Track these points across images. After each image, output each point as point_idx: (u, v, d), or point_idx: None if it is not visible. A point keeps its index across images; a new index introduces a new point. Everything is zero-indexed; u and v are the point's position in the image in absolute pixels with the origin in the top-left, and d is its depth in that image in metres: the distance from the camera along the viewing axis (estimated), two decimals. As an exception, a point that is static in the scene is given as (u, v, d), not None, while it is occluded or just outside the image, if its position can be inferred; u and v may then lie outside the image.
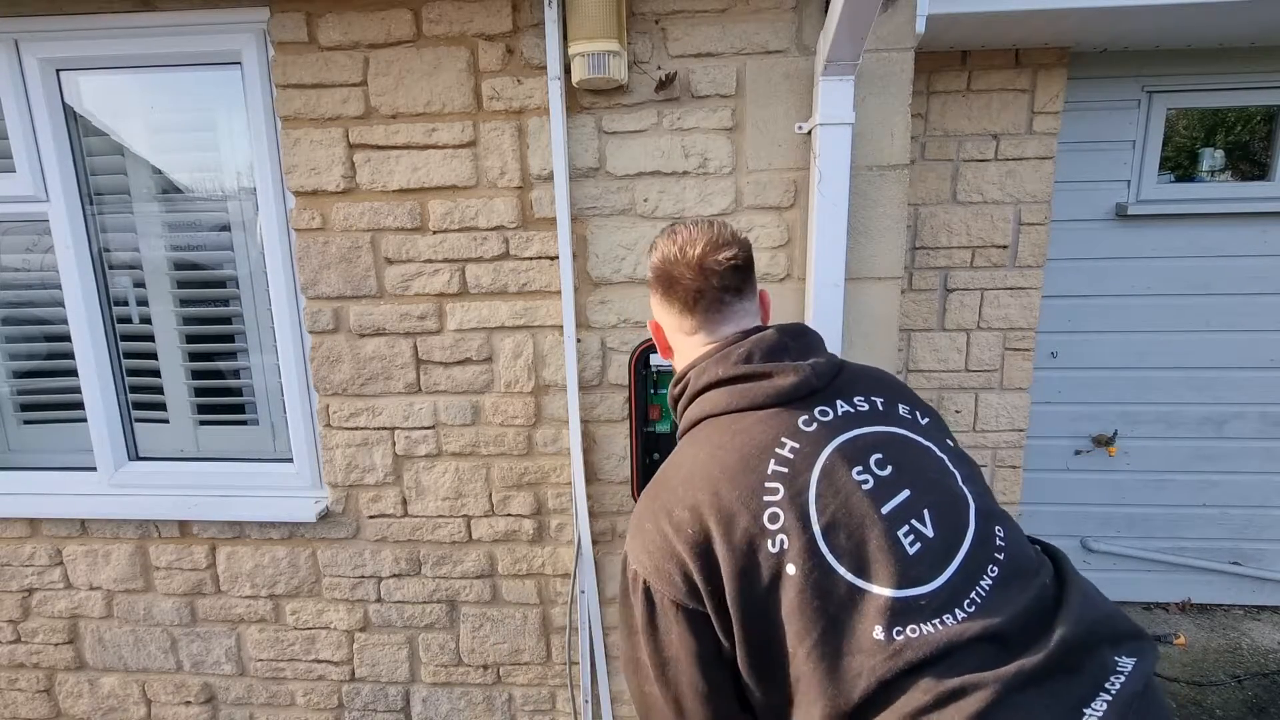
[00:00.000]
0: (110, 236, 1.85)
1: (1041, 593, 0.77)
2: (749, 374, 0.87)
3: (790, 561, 0.73)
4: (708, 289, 0.91)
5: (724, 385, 0.88)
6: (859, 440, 0.81)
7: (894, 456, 0.81)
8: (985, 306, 2.43)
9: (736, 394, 0.86)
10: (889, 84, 1.54)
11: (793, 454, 0.79)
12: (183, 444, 1.98)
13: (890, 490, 0.78)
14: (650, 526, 0.82)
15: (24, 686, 2.12)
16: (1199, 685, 2.31)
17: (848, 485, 0.77)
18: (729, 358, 0.89)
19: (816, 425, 0.81)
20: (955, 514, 0.79)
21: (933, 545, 0.75)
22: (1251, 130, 2.49)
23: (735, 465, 0.79)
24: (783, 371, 0.86)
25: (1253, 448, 2.59)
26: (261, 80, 1.67)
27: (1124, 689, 0.68)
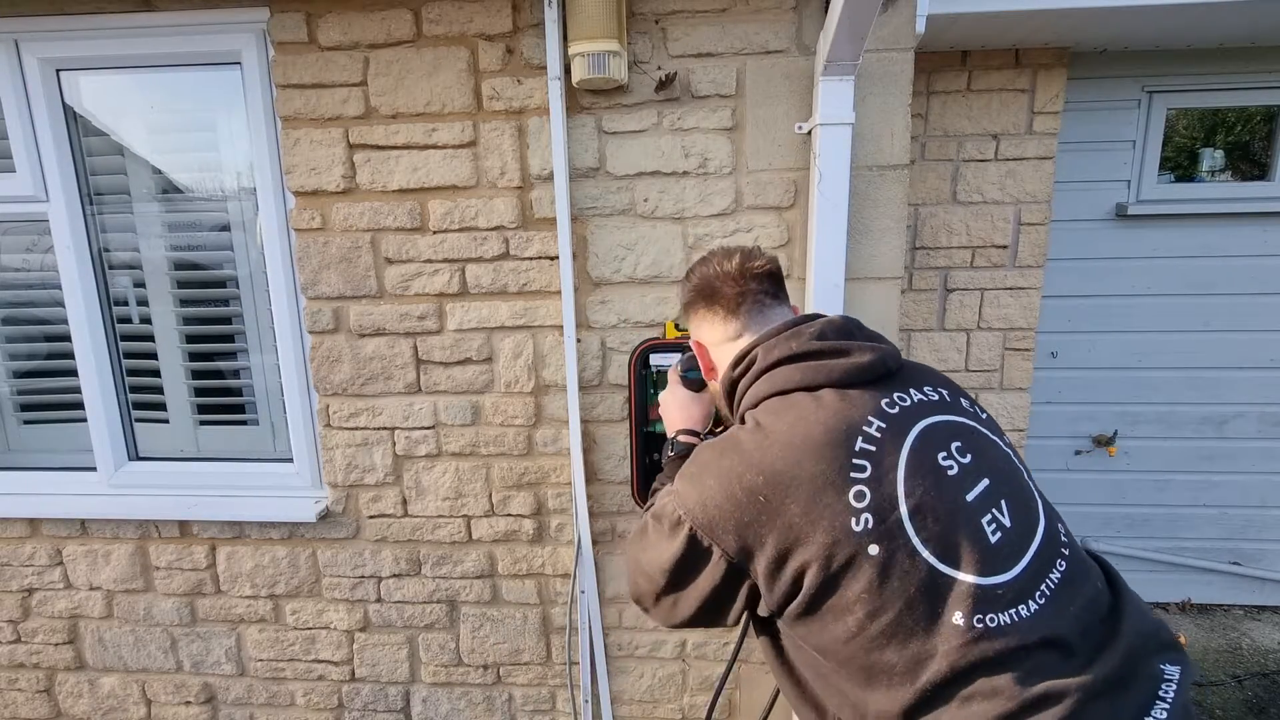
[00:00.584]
0: (110, 236, 1.85)
1: (1098, 596, 0.80)
2: (825, 350, 0.85)
3: (875, 541, 0.73)
4: (748, 292, 0.94)
5: (798, 360, 0.86)
6: (940, 426, 0.81)
7: (972, 445, 0.81)
8: (985, 306, 2.43)
9: (813, 369, 0.84)
10: (889, 84, 1.54)
11: (880, 433, 0.78)
12: (183, 444, 1.98)
13: (973, 478, 0.78)
14: (714, 484, 0.81)
15: (24, 686, 2.12)
16: (1199, 685, 2.31)
17: (935, 469, 0.77)
18: (800, 335, 0.88)
19: (899, 409, 0.81)
20: (1027, 508, 0.80)
21: (1011, 536, 0.76)
22: (1251, 130, 2.49)
23: (821, 439, 0.78)
24: (860, 350, 0.85)
25: (1253, 448, 2.59)
26: (261, 80, 1.67)
27: (1177, 697, 0.72)
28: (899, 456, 0.77)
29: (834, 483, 0.75)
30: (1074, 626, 0.74)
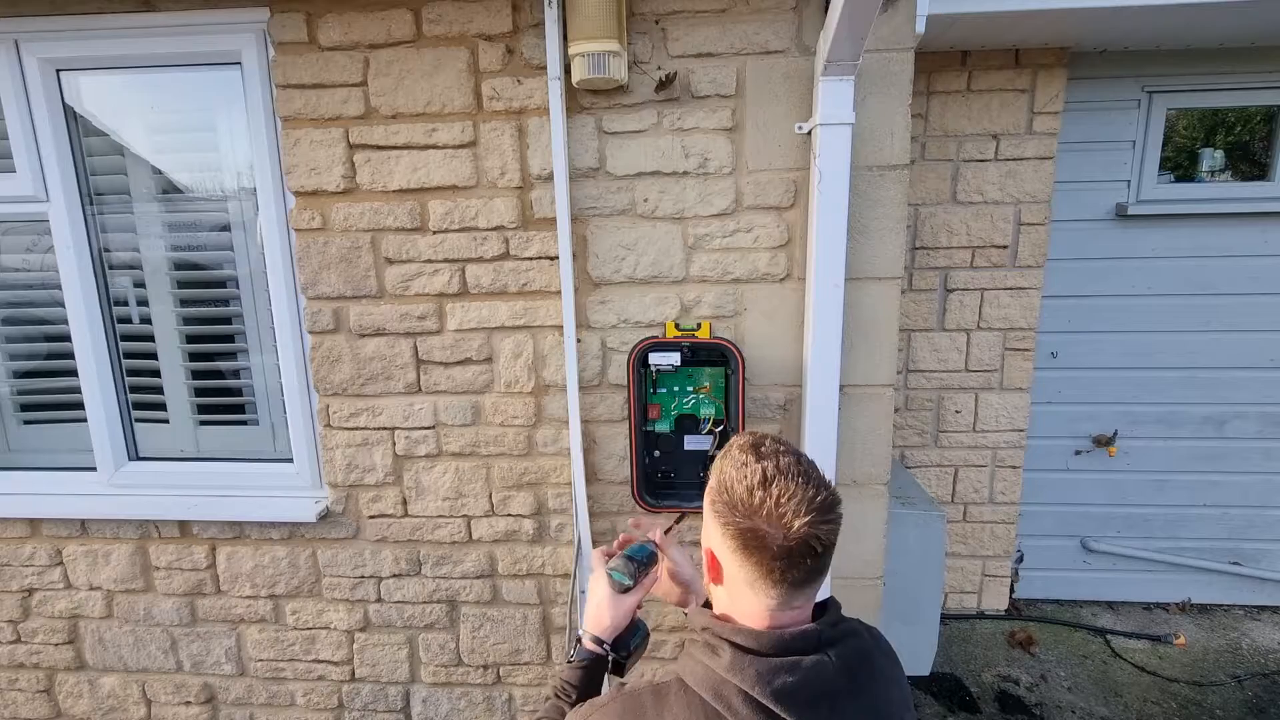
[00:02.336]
0: (110, 236, 1.85)
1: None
2: (770, 713, 0.71)
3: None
4: (800, 569, 0.74)
5: (752, 701, 0.71)
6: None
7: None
8: (985, 306, 2.43)
9: (740, 708, 0.71)
10: (889, 84, 1.54)
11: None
12: (183, 444, 1.98)
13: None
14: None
15: (24, 686, 2.12)
16: (1199, 685, 2.31)
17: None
18: (766, 680, 0.72)
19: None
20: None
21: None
22: (1251, 130, 2.49)
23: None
24: None
25: (1253, 448, 2.59)
26: (261, 80, 1.67)
27: None
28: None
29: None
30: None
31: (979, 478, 2.60)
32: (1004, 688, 2.34)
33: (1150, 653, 2.48)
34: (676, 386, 1.70)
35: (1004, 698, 2.30)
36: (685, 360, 1.64)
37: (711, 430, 1.69)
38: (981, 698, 2.30)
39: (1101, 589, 2.74)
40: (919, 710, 2.27)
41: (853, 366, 1.65)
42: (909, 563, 2.00)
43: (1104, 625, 2.62)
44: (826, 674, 0.73)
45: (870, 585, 1.77)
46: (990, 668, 2.44)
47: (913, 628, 2.06)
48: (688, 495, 1.73)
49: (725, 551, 0.78)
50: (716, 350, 1.64)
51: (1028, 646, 2.52)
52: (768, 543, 0.73)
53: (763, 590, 0.75)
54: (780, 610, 0.76)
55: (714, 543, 0.82)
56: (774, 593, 0.75)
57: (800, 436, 1.68)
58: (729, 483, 0.77)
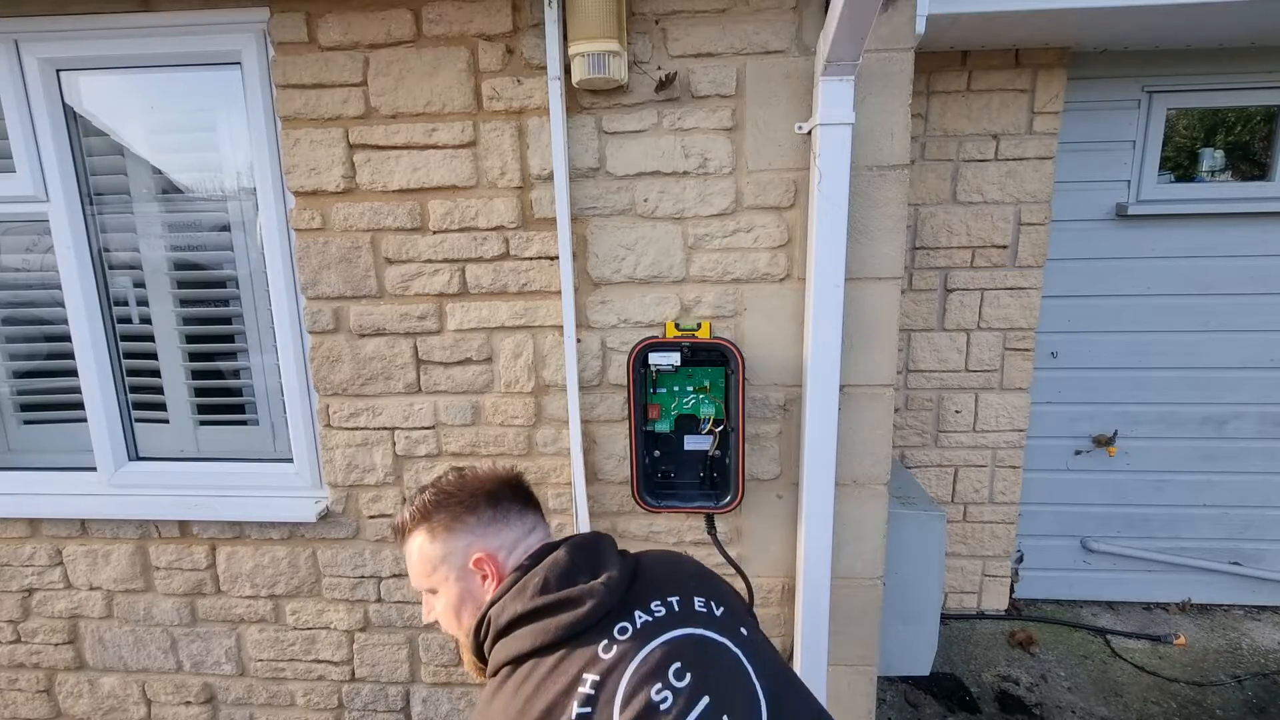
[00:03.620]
0: (110, 236, 1.85)
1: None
2: (546, 605, 0.86)
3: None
4: (504, 495, 1.00)
5: (524, 622, 0.86)
6: (657, 651, 0.81)
7: (691, 661, 0.81)
8: (985, 306, 2.43)
9: (537, 632, 0.84)
10: (889, 84, 1.54)
11: (594, 689, 0.78)
12: (183, 444, 1.98)
13: (690, 702, 0.78)
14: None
15: (24, 686, 2.12)
16: (1199, 685, 2.31)
17: (648, 710, 0.76)
18: (525, 590, 0.88)
19: (616, 648, 0.81)
20: (748, 705, 0.80)
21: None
22: (1251, 130, 2.49)
23: (543, 713, 0.77)
24: (579, 598, 0.85)
25: (1253, 448, 2.59)
26: (261, 80, 1.67)
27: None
28: (613, 710, 0.76)
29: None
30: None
31: (979, 478, 2.60)
32: (1004, 688, 2.34)
33: (1150, 653, 2.48)
34: (676, 386, 1.70)
35: (1004, 698, 2.30)
36: (685, 360, 1.64)
37: (711, 430, 1.69)
38: (981, 698, 2.30)
39: (1101, 589, 2.74)
40: (919, 710, 2.27)
41: (853, 366, 1.65)
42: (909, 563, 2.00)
43: (1104, 625, 2.62)
44: (562, 560, 0.91)
45: (870, 585, 1.77)
46: (990, 668, 2.44)
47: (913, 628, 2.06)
48: (688, 495, 1.73)
49: (444, 544, 0.97)
50: (716, 350, 1.64)
51: (1028, 646, 2.52)
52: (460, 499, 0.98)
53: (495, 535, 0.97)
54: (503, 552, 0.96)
55: (442, 558, 0.97)
56: (495, 530, 0.97)
57: (800, 436, 1.68)
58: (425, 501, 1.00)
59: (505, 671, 0.84)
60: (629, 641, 0.82)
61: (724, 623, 0.89)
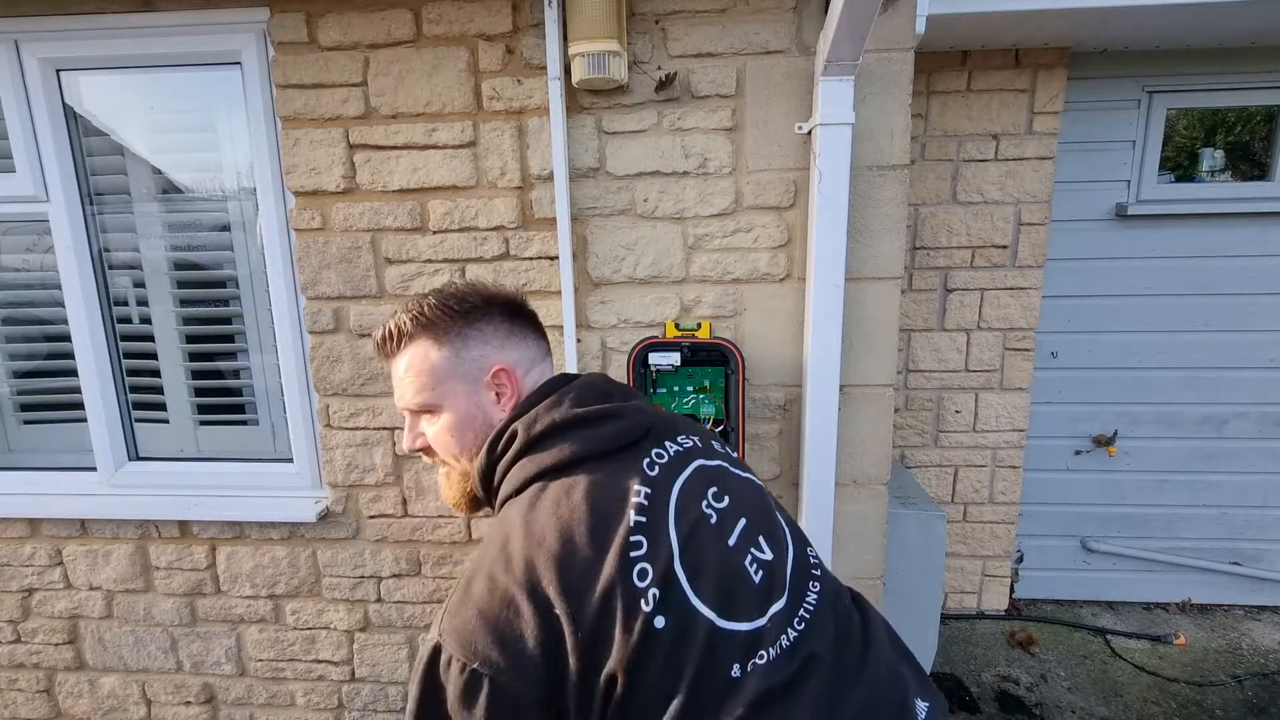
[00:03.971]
0: (110, 236, 1.85)
1: (849, 613, 0.82)
2: (588, 416, 0.80)
3: (660, 614, 0.68)
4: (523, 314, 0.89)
5: (563, 432, 0.79)
6: (695, 475, 0.80)
7: (725, 487, 0.80)
8: (985, 306, 2.43)
9: (581, 440, 0.78)
10: (889, 84, 1.54)
11: (648, 500, 0.75)
12: (183, 444, 1.98)
13: (731, 521, 0.77)
14: (487, 610, 0.69)
15: (24, 686, 2.12)
16: (1199, 685, 2.31)
17: (701, 523, 0.75)
18: (561, 402, 0.81)
19: (659, 468, 0.79)
20: (778, 537, 0.81)
21: (771, 568, 0.76)
22: (1251, 130, 2.49)
23: (598, 525, 0.72)
24: (620, 413, 0.82)
25: (1253, 448, 2.59)
26: (261, 80, 1.67)
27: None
28: (668, 522, 0.74)
29: (616, 567, 0.69)
30: (830, 645, 0.75)
31: (979, 478, 2.60)
32: (1004, 688, 2.34)
33: (1150, 653, 2.48)
34: (676, 386, 1.70)
35: (1004, 698, 2.30)
36: (685, 360, 1.64)
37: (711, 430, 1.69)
38: (981, 697, 2.30)
39: (1101, 589, 2.74)
40: (919, 710, 2.26)
41: (853, 366, 1.65)
42: (909, 563, 2.00)
43: (1104, 625, 2.62)
44: (596, 380, 0.87)
45: (870, 585, 1.77)
46: (990, 668, 2.44)
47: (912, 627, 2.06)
48: (688, 495, 1.73)
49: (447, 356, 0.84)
50: (716, 350, 1.64)
51: (1028, 646, 2.52)
52: (476, 305, 0.85)
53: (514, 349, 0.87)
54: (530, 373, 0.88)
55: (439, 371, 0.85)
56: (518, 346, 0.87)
57: (800, 436, 1.68)
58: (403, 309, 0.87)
59: (540, 486, 0.77)
60: (669, 462, 0.80)
61: (737, 463, 0.88)
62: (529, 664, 0.66)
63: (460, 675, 0.67)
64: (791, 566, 0.79)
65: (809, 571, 0.81)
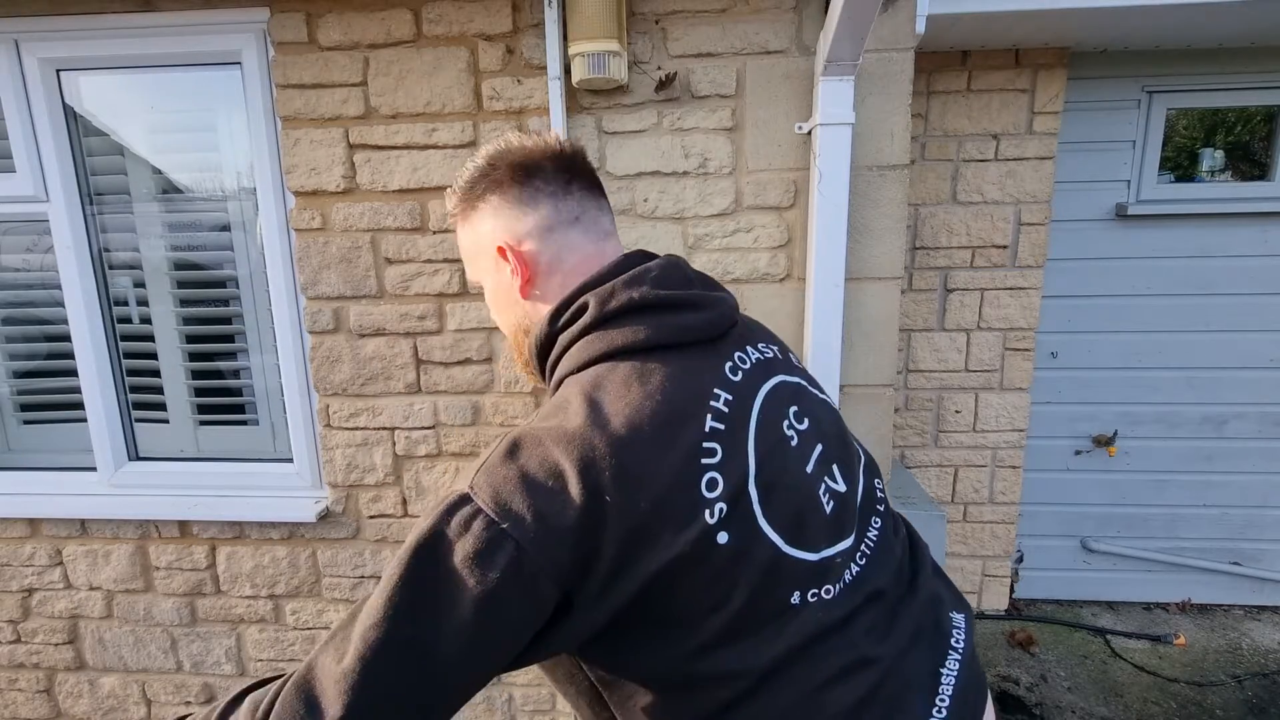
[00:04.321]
0: (110, 236, 1.85)
1: (903, 546, 0.81)
2: (671, 300, 0.72)
3: (724, 530, 0.64)
4: (578, 170, 0.78)
5: (639, 313, 0.71)
6: (777, 390, 0.74)
7: (805, 409, 0.75)
8: (985, 306, 2.43)
9: (658, 326, 0.70)
10: (889, 84, 1.54)
11: (727, 407, 0.68)
12: (183, 444, 1.98)
13: (809, 446, 0.72)
14: (531, 476, 0.62)
15: (24, 686, 2.12)
16: (1199, 685, 2.31)
17: (781, 442, 0.70)
18: (642, 280, 0.72)
19: (741, 374, 0.72)
20: (852, 468, 0.77)
21: (843, 500, 0.73)
22: (1251, 130, 2.49)
23: (669, 420, 0.65)
24: (704, 303, 0.74)
25: (1253, 448, 2.59)
26: (261, 80, 1.67)
27: (965, 646, 0.75)
28: (748, 432, 0.68)
29: (685, 472, 0.64)
30: (890, 579, 0.75)
31: (979, 478, 2.60)
32: (1004, 688, 2.34)
33: (1150, 653, 2.48)
34: (676, 386, 1.70)
35: (1004, 698, 2.29)
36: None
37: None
38: (981, 698, 2.30)
39: (1101, 589, 2.74)
40: (919, 710, 2.26)
41: (853, 366, 1.65)
42: (909, 563, 2.00)
43: (1104, 625, 2.62)
44: (678, 262, 0.78)
45: (870, 585, 1.77)
46: (990, 668, 2.44)
47: (913, 628, 2.06)
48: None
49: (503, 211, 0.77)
50: (716, 350, 1.64)
51: (1027, 646, 2.52)
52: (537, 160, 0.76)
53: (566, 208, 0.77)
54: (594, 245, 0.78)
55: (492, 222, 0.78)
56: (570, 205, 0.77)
57: (800, 436, 1.68)
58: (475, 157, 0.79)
59: (609, 365, 0.70)
60: (751, 370, 0.73)
61: (812, 380, 0.83)
62: (560, 540, 0.60)
63: (484, 531, 0.60)
64: (860, 499, 0.76)
65: (874, 505, 0.78)
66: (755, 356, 0.75)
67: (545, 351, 0.77)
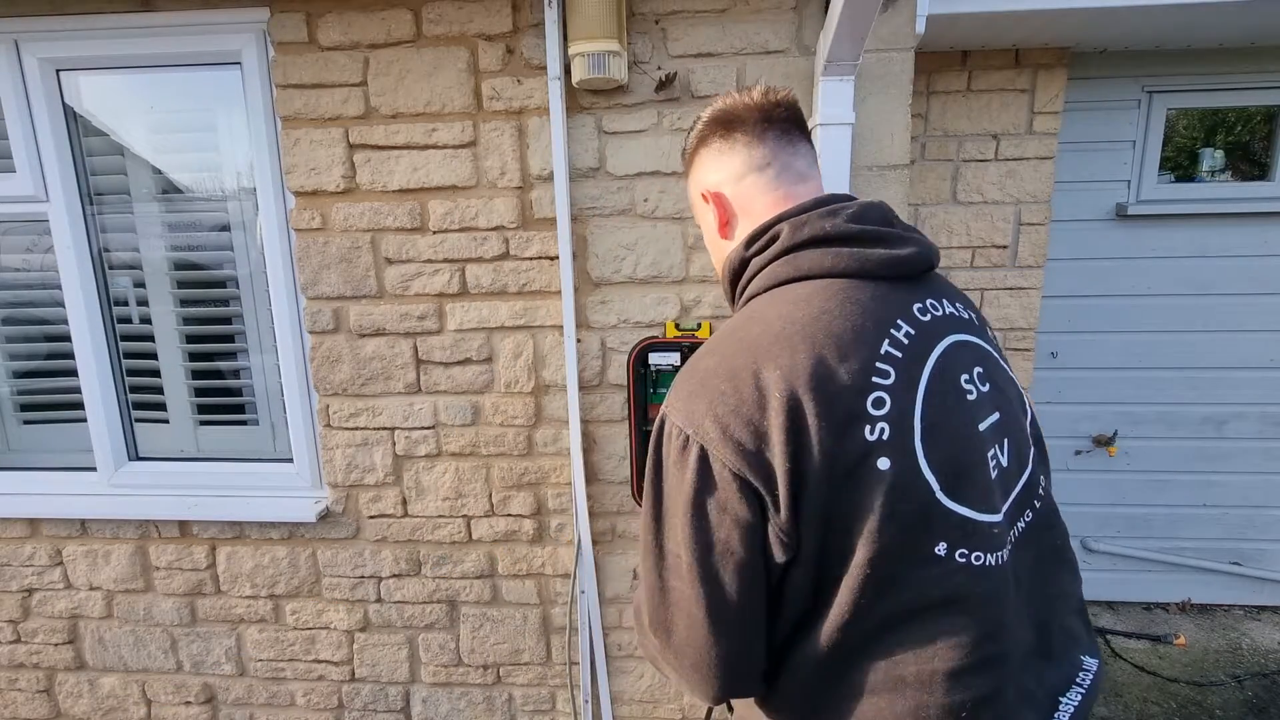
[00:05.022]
0: (110, 236, 1.85)
1: (1052, 553, 0.80)
2: (864, 235, 0.74)
3: (885, 455, 0.65)
4: (776, 118, 0.82)
5: (831, 244, 0.74)
6: (965, 346, 0.74)
7: (991, 374, 0.75)
8: (985, 307, 2.43)
9: (846, 257, 0.73)
10: (889, 84, 1.54)
11: (908, 339, 0.69)
12: (183, 444, 1.98)
13: (988, 408, 0.72)
14: (725, 386, 0.68)
15: (24, 686, 2.12)
16: (1199, 685, 2.31)
17: (957, 390, 0.70)
18: (837, 214, 0.75)
19: (931, 317, 0.73)
20: (1020, 451, 0.76)
21: (1005, 475, 0.73)
22: (1251, 130, 2.49)
23: (847, 334, 0.67)
24: (900, 241, 0.75)
25: (1253, 448, 2.59)
26: (261, 80, 1.67)
27: (1088, 693, 0.74)
28: (924, 368, 0.69)
29: (855, 385, 0.66)
30: (1029, 578, 0.74)
31: (979, 478, 2.60)
32: (1004, 688, 2.34)
33: (1150, 653, 2.48)
34: (677, 386, 1.70)
35: (1004, 698, 2.29)
36: (685, 360, 1.64)
37: None
38: (981, 698, 2.30)
39: (1101, 589, 2.74)
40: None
41: (853, 366, 1.65)
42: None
43: (1104, 625, 2.61)
44: (878, 203, 0.79)
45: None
46: (990, 668, 2.44)
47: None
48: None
49: (711, 162, 0.85)
50: (717, 350, 1.64)
51: (1028, 646, 2.52)
52: (736, 113, 0.83)
53: (758, 153, 0.82)
54: (787, 187, 0.82)
55: (703, 173, 0.87)
56: (764, 150, 0.82)
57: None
58: (699, 117, 0.88)
59: (797, 285, 0.74)
60: (941, 318, 0.74)
61: (1005, 360, 0.82)
62: (744, 440, 0.66)
63: (686, 451, 0.69)
64: (1021, 487, 0.75)
65: (1034, 496, 0.78)
66: (948, 309, 0.76)
67: (738, 277, 0.82)
